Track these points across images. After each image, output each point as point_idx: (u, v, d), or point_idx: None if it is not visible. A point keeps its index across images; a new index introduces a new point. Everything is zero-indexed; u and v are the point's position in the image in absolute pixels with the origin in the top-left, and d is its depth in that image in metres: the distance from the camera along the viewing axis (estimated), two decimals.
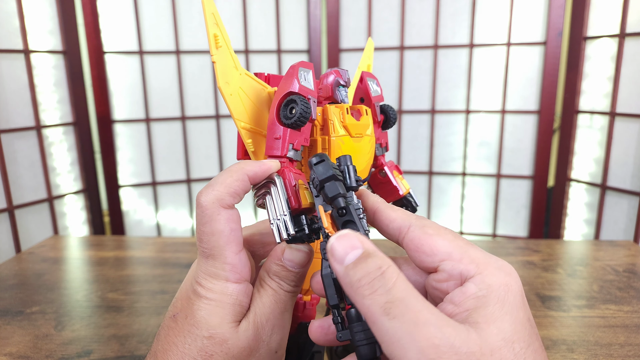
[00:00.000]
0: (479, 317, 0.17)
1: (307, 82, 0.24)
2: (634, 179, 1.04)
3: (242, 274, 0.21)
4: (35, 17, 1.04)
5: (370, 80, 0.30)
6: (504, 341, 0.16)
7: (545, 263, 0.57)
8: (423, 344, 0.15)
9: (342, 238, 0.18)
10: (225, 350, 0.20)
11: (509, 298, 0.17)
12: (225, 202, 0.21)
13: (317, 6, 1.25)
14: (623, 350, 0.38)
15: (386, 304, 0.16)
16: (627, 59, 1.02)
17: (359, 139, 0.26)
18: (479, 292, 0.18)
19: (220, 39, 0.23)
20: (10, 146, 1.01)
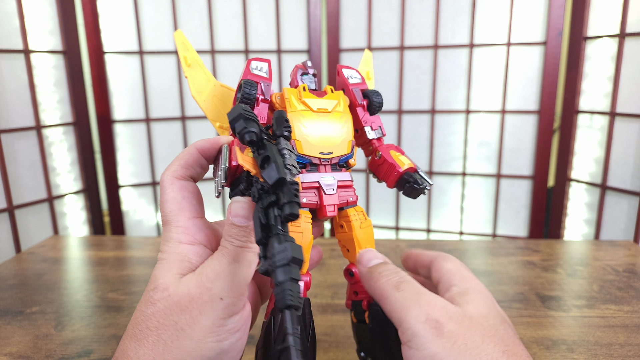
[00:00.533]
0: (460, 302, 0.22)
1: (260, 71, 0.28)
2: (634, 179, 1.04)
3: (195, 237, 0.23)
4: (35, 17, 1.04)
5: (348, 70, 0.31)
6: (480, 315, 0.21)
7: (545, 263, 0.57)
8: (423, 304, 0.20)
9: (368, 252, 0.26)
10: (165, 296, 0.21)
11: (485, 295, 0.23)
12: (178, 173, 0.24)
13: (317, 6, 1.25)
14: (623, 350, 0.38)
15: (397, 282, 0.22)
16: (627, 59, 1.03)
17: (324, 114, 0.27)
18: (461, 290, 0.23)
19: (191, 60, 0.30)
20: (11, 146, 1.01)
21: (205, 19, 1.20)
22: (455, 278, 0.24)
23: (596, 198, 1.13)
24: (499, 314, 0.22)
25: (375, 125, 0.30)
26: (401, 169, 0.28)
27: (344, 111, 0.28)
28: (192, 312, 0.21)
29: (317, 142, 0.26)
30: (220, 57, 1.24)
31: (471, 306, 0.21)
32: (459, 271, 0.25)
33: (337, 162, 0.27)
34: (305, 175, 0.27)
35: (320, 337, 0.40)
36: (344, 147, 0.27)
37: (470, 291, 0.23)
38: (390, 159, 0.28)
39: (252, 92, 0.26)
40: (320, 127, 0.27)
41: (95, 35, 1.13)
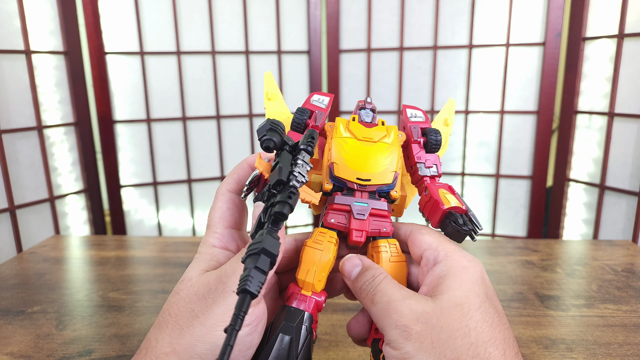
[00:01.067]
0: (438, 290, 0.22)
1: (320, 103, 0.30)
2: (632, 179, 1.04)
3: (227, 244, 0.26)
4: (36, 17, 1.04)
5: (412, 110, 0.31)
6: (453, 304, 0.21)
7: (544, 263, 0.57)
8: (392, 313, 0.22)
9: (347, 260, 0.25)
10: (188, 287, 0.24)
11: (465, 275, 0.22)
12: (231, 186, 0.27)
13: (317, 7, 1.25)
14: (622, 350, 0.38)
15: (372, 297, 0.23)
16: (625, 59, 1.03)
17: (368, 143, 0.27)
18: (441, 273, 0.23)
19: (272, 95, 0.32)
20: (12, 146, 1.01)
21: (205, 19, 1.21)
22: (438, 254, 0.24)
23: (595, 198, 1.13)
24: (479, 296, 0.22)
25: (429, 163, 0.29)
26: (444, 207, 0.26)
27: (392, 143, 0.27)
28: (207, 301, 0.22)
29: (355, 166, 0.26)
30: (220, 57, 1.24)
31: (445, 296, 0.22)
32: (440, 244, 0.24)
33: (375, 190, 0.27)
34: (339, 197, 0.27)
35: (320, 337, 0.41)
36: (384, 176, 0.27)
37: (449, 274, 0.22)
38: (436, 196, 0.27)
39: (302, 118, 0.28)
40: (362, 154, 0.27)
41: (96, 35, 1.14)
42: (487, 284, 0.23)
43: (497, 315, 0.22)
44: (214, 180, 1.32)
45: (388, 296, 0.22)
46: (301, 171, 0.22)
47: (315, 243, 0.27)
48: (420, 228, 0.26)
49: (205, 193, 1.32)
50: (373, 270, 0.24)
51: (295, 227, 1.40)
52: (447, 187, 0.27)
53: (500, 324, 0.21)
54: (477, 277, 0.23)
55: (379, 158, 0.27)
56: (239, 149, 1.31)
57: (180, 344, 0.22)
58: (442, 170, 0.29)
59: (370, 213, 0.27)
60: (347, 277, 0.25)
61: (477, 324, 0.21)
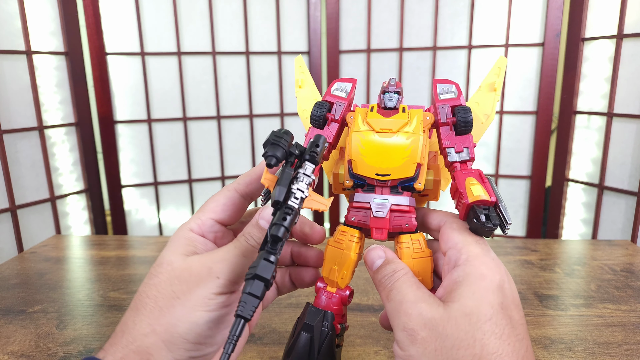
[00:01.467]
0: (451, 297, 0.22)
1: (341, 92, 0.29)
2: (631, 179, 1.04)
3: (204, 233, 0.26)
4: (37, 18, 1.04)
5: (442, 85, 0.28)
6: (463, 313, 0.21)
7: (543, 262, 0.57)
8: (401, 314, 0.22)
9: (372, 250, 0.26)
10: (169, 270, 0.23)
11: (481, 284, 0.22)
12: (240, 187, 0.27)
13: (317, 8, 1.25)
14: (621, 349, 0.38)
15: (388, 292, 0.24)
16: (624, 60, 1.03)
17: (387, 135, 0.26)
18: (458, 278, 0.22)
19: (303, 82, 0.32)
20: (13, 146, 1.02)
21: (206, 20, 1.21)
22: (460, 256, 0.23)
23: (594, 198, 1.13)
24: (492, 306, 0.21)
25: (459, 147, 0.26)
26: (468, 201, 0.24)
27: (414, 132, 0.26)
28: (190, 284, 0.23)
29: (374, 162, 0.26)
30: (221, 58, 1.24)
31: (457, 304, 0.21)
32: (465, 245, 0.23)
33: (397, 184, 0.26)
34: (359, 194, 0.27)
35: None
36: (405, 169, 0.25)
37: (465, 280, 0.22)
38: (462, 187, 0.25)
39: (318, 113, 0.27)
40: (381, 148, 0.26)
41: (97, 36, 1.14)
42: (506, 293, 0.22)
43: (509, 327, 0.21)
44: (215, 181, 1.32)
45: (402, 295, 0.23)
46: (301, 187, 0.22)
47: (337, 242, 0.27)
48: (453, 222, 0.25)
49: (206, 193, 1.32)
50: (394, 264, 0.24)
51: None
52: (477, 175, 0.25)
53: (513, 336, 0.21)
54: (494, 286, 0.22)
55: (399, 150, 0.25)
56: (239, 150, 1.31)
57: (160, 325, 0.22)
58: None
59: (391, 209, 0.26)
60: (369, 267, 0.25)
61: (485, 336, 0.20)
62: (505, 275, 0.23)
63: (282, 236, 0.21)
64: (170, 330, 0.22)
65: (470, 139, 0.26)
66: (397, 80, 0.29)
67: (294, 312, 0.45)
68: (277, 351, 0.39)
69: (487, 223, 0.23)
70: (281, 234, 0.21)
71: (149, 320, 0.22)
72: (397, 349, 0.22)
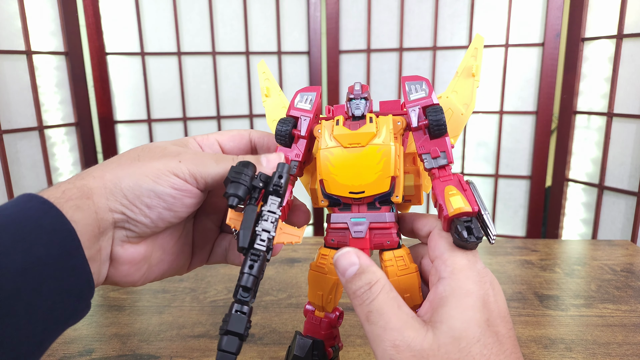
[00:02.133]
0: (438, 317, 0.21)
1: (305, 103, 0.26)
2: (631, 179, 1.04)
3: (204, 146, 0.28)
4: (37, 18, 1.04)
5: (413, 84, 0.25)
6: (451, 338, 0.20)
7: (543, 262, 0.57)
8: (387, 344, 0.20)
9: (344, 255, 0.23)
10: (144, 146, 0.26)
11: (467, 301, 0.21)
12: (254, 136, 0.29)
13: (317, 8, 1.25)
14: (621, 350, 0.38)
15: (367, 313, 0.21)
16: (624, 60, 1.03)
17: (356, 150, 0.24)
18: (443, 293, 0.21)
19: (269, 91, 0.30)
20: (13, 146, 1.02)
21: (206, 20, 1.21)
22: (445, 269, 0.22)
23: (593, 198, 1.13)
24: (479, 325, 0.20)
25: (435, 152, 0.24)
26: (447, 214, 0.22)
27: (384, 142, 0.24)
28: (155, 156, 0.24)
29: (345, 180, 0.24)
30: (221, 58, 1.24)
31: (444, 327, 0.20)
32: (451, 256, 0.22)
33: (372, 201, 0.25)
34: (335, 215, 0.26)
35: None
36: (380, 184, 0.24)
37: (451, 296, 0.21)
38: (441, 199, 0.23)
39: (283, 130, 0.26)
40: (351, 164, 0.24)
41: (97, 36, 1.14)
42: (491, 307, 0.21)
43: (497, 345, 0.20)
44: None
45: (385, 321, 0.21)
46: (266, 227, 0.22)
47: (319, 267, 0.26)
48: (441, 229, 0.24)
49: None
50: (369, 275, 0.22)
51: None
52: (457, 182, 0.23)
53: (500, 353, 0.20)
54: (480, 303, 0.21)
55: (370, 165, 0.24)
56: None
57: (110, 173, 0.23)
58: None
59: (370, 227, 0.25)
60: (341, 274, 0.23)
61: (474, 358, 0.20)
62: (490, 287, 0.22)
63: (251, 286, 0.20)
64: (115, 181, 0.23)
65: (447, 141, 0.24)
66: (363, 84, 0.26)
67: (294, 312, 0.45)
68: (277, 351, 0.39)
69: (469, 238, 0.22)
70: (250, 284, 0.20)
71: (104, 168, 0.23)
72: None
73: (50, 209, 0.20)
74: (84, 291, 0.21)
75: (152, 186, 0.23)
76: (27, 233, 0.19)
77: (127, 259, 0.24)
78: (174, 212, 0.24)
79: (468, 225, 0.22)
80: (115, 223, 0.23)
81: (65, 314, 0.20)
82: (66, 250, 0.20)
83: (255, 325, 0.43)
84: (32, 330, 0.19)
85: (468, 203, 0.22)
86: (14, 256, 0.18)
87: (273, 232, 0.22)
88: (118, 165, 0.23)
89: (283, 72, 1.29)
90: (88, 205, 0.21)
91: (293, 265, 0.57)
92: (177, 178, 0.23)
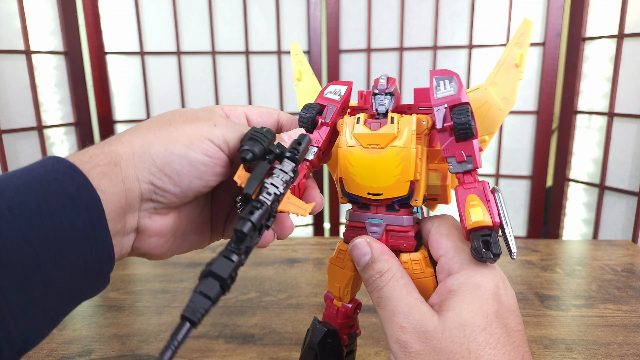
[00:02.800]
0: (445, 306, 0.21)
1: (334, 95, 0.26)
2: (632, 179, 1.04)
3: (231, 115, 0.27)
4: (36, 18, 1.04)
5: (442, 79, 0.23)
6: (457, 324, 0.20)
7: (544, 262, 0.57)
8: (394, 326, 0.22)
9: (357, 246, 0.24)
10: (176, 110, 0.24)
11: (476, 294, 0.21)
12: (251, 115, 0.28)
13: (317, 8, 1.25)
14: (622, 350, 0.38)
15: (378, 298, 0.23)
16: (625, 59, 1.03)
17: (375, 151, 0.23)
18: (452, 287, 0.22)
19: (303, 74, 0.30)
20: (12, 146, 1.02)
21: (205, 20, 1.21)
22: (453, 265, 0.22)
23: (594, 198, 1.13)
24: (487, 316, 0.20)
25: (461, 156, 0.22)
26: (465, 225, 0.21)
27: (405, 145, 0.23)
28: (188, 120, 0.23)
29: (364, 181, 0.24)
30: (220, 57, 1.24)
31: (451, 314, 0.21)
32: (457, 252, 0.23)
33: (391, 203, 0.24)
34: (353, 212, 0.26)
35: None
36: (397, 188, 0.23)
37: (460, 290, 0.21)
38: (462, 208, 0.22)
39: (306, 116, 0.26)
40: (370, 165, 0.24)
41: (97, 36, 1.14)
42: (502, 300, 0.21)
43: (505, 335, 0.20)
44: None
45: (393, 305, 0.22)
46: (275, 182, 0.21)
47: (337, 260, 0.27)
48: (440, 226, 0.24)
49: None
50: (381, 263, 0.23)
51: (296, 226, 1.40)
52: (480, 191, 0.22)
53: (508, 344, 0.20)
54: (489, 294, 0.21)
55: (389, 168, 0.23)
56: None
57: (139, 138, 0.22)
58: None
59: (387, 229, 0.25)
60: (355, 263, 0.24)
61: (479, 347, 0.20)
62: (501, 281, 0.22)
63: (247, 232, 0.18)
64: (145, 146, 0.21)
65: (474, 145, 0.22)
66: (391, 77, 0.24)
67: (294, 313, 0.45)
68: (277, 352, 0.39)
69: (486, 254, 0.21)
70: (246, 230, 0.18)
71: (132, 133, 0.22)
72: (392, 358, 0.22)
73: (77, 173, 0.19)
74: (104, 265, 0.20)
75: (184, 152, 0.21)
76: (52, 196, 0.18)
77: (155, 231, 0.23)
78: (204, 181, 0.22)
79: (486, 239, 0.21)
80: (143, 195, 0.21)
81: (84, 288, 0.19)
82: (90, 221, 0.19)
83: (255, 326, 0.43)
84: (48, 303, 0.18)
85: (489, 215, 0.21)
86: (37, 222, 0.17)
87: (282, 189, 0.21)
88: (148, 130, 0.22)
89: (283, 72, 1.29)
90: (115, 173, 0.20)
91: (293, 266, 0.57)
92: (211, 144, 0.22)
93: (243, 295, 0.49)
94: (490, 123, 0.25)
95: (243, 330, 0.42)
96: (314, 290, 0.50)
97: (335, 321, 0.28)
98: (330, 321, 0.28)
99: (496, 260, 0.21)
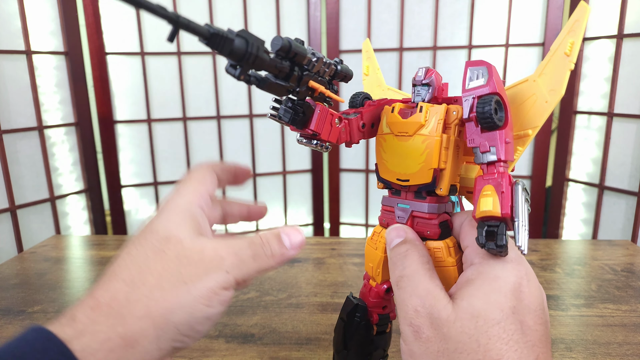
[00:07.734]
0: (460, 295, 0.21)
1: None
2: (631, 179, 1.04)
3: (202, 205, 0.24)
4: (37, 18, 1.04)
5: (475, 69, 0.23)
6: (470, 315, 0.20)
7: (544, 262, 0.57)
8: (409, 308, 0.22)
9: (394, 228, 0.25)
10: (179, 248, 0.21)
11: (493, 285, 0.21)
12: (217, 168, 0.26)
13: (317, 8, 1.25)
14: (621, 349, 0.38)
15: (398, 277, 0.23)
16: (625, 60, 1.03)
17: (404, 138, 0.25)
18: (471, 276, 0.22)
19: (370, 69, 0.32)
20: (13, 146, 1.02)
21: (206, 20, 1.21)
22: (476, 255, 0.22)
23: (594, 198, 1.13)
24: (502, 310, 0.20)
25: (485, 146, 0.22)
26: (475, 216, 0.21)
27: (430, 134, 0.24)
28: (199, 269, 0.21)
29: (394, 167, 0.25)
30: (221, 58, 1.24)
31: (465, 303, 0.20)
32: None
33: (418, 190, 0.25)
34: (386, 198, 0.27)
35: (320, 336, 0.41)
36: (422, 176, 0.24)
37: (478, 280, 0.21)
38: (475, 198, 0.22)
39: (354, 101, 0.28)
40: (399, 152, 0.25)
41: (97, 36, 1.14)
42: (522, 296, 0.21)
43: (519, 332, 0.20)
44: None
45: (413, 287, 0.22)
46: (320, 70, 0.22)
47: (372, 241, 0.28)
48: (471, 218, 0.24)
49: None
50: (410, 245, 0.24)
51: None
52: (497, 182, 0.21)
53: (521, 342, 0.20)
54: (508, 288, 0.20)
55: (414, 155, 0.24)
56: (239, 149, 1.31)
57: (158, 308, 0.19)
58: None
59: (413, 215, 0.25)
60: (388, 244, 0.25)
61: (490, 341, 0.19)
62: (526, 278, 0.21)
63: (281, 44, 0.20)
64: (167, 316, 0.19)
65: (498, 136, 0.22)
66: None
67: (294, 312, 0.45)
68: (277, 351, 0.39)
69: (487, 244, 0.21)
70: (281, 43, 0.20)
71: (147, 302, 0.19)
72: (402, 342, 0.22)
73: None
74: None
75: (205, 312, 0.20)
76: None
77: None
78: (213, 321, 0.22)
79: (491, 230, 0.21)
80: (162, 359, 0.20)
81: None
82: None
83: (255, 325, 0.43)
84: None
85: (498, 206, 0.21)
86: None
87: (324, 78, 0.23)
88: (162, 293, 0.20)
89: None
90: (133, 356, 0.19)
91: (293, 265, 0.57)
92: (226, 292, 0.21)
93: (243, 294, 0.49)
94: (534, 117, 0.24)
95: (243, 329, 0.42)
96: (314, 290, 0.50)
97: (367, 299, 0.29)
98: (363, 298, 0.29)
99: (501, 252, 0.21)
